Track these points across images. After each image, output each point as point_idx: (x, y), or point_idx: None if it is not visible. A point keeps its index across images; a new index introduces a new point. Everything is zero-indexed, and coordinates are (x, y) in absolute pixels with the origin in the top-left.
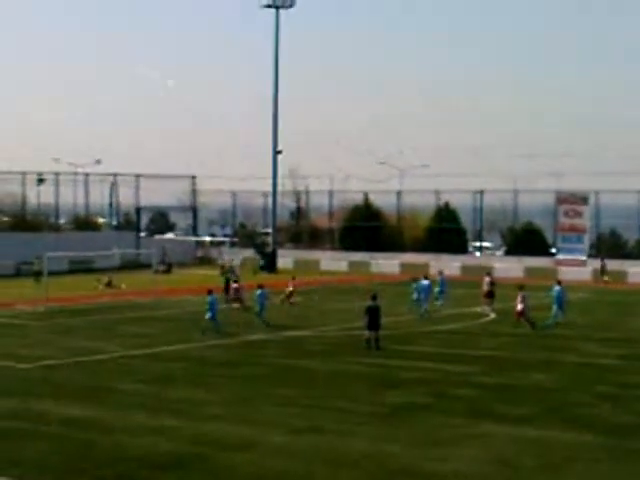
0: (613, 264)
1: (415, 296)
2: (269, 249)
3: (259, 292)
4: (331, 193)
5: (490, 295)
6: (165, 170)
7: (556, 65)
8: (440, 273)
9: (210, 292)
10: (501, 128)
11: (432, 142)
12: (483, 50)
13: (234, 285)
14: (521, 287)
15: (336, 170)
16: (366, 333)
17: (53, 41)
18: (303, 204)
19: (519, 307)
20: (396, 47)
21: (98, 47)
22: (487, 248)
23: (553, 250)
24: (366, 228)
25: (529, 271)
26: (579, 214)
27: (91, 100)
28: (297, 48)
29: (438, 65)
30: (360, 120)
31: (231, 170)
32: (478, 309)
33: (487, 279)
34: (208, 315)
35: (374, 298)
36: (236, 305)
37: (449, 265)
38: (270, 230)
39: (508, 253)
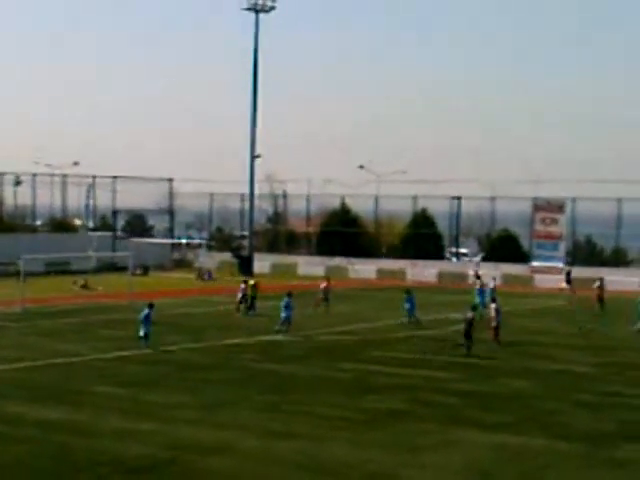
0: (589, 272)
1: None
2: (245, 253)
3: (286, 300)
4: (308, 197)
5: (600, 300)
6: (144, 172)
7: (556, 65)
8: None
9: (151, 306)
10: (499, 129)
11: (414, 144)
12: (483, 50)
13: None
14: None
15: (314, 174)
16: (463, 341)
17: (53, 41)
18: (280, 208)
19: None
20: (387, 48)
21: (98, 47)
22: (464, 254)
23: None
24: (343, 233)
25: (505, 278)
26: (555, 221)
27: (89, 101)
28: (280, 51)
29: (438, 65)
30: (341, 124)
31: (211, 173)
32: (457, 315)
33: (597, 283)
34: (142, 331)
35: (474, 309)
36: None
37: (425, 272)
38: (247, 234)
39: (485, 260)
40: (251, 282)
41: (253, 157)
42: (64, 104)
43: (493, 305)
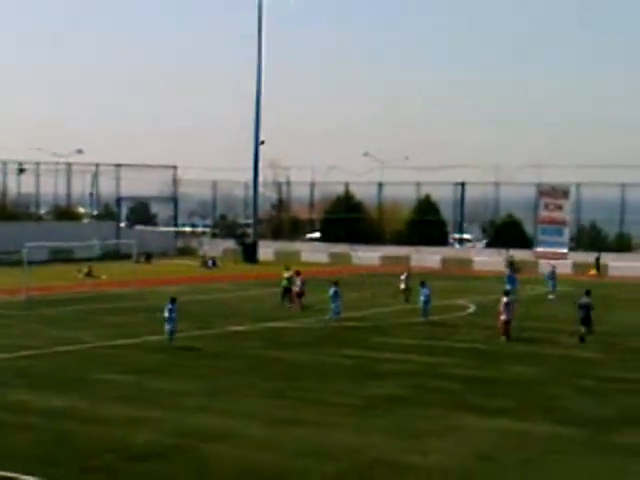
0: (593, 257)
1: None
2: (250, 240)
3: (333, 289)
4: (312, 184)
5: None
6: (148, 161)
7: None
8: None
9: (174, 300)
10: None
11: (415, 137)
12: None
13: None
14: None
15: (318, 161)
16: (581, 329)
17: (51, 40)
18: (284, 195)
19: None
20: (382, 42)
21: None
22: (468, 240)
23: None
24: (347, 220)
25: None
26: (560, 207)
27: (91, 86)
28: (282, 42)
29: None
30: (345, 113)
31: (213, 161)
32: (459, 301)
33: None
34: (168, 326)
35: (588, 294)
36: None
37: (429, 258)
38: (251, 221)
39: (489, 245)
40: (287, 274)
41: (257, 144)
42: (65, 95)
43: (504, 299)
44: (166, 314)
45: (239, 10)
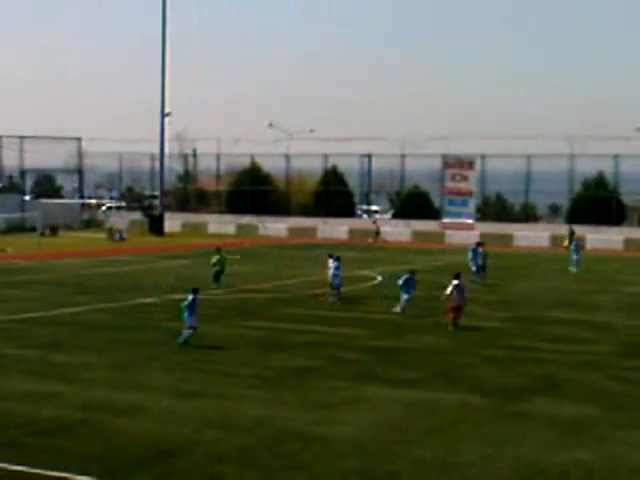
0: (499, 228)
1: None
2: (156, 212)
3: (335, 264)
4: (218, 156)
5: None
6: (54, 132)
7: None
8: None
9: (196, 291)
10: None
11: (321, 109)
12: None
13: None
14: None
15: (224, 133)
16: None
17: None
18: (191, 167)
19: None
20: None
21: None
22: (375, 211)
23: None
24: (254, 191)
25: (416, 234)
26: (465, 178)
27: None
28: (187, 13)
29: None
30: (250, 85)
31: (120, 133)
32: (366, 272)
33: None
34: (190, 321)
35: None
36: None
37: (336, 229)
38: (157, 193)
39: (395, 216)
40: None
41: (163, 115)
42: None
43: (454, 282)
44: (185, 305)
45: None
